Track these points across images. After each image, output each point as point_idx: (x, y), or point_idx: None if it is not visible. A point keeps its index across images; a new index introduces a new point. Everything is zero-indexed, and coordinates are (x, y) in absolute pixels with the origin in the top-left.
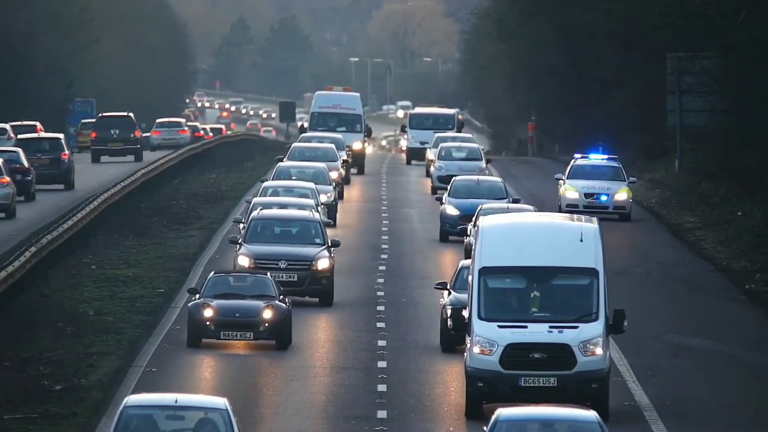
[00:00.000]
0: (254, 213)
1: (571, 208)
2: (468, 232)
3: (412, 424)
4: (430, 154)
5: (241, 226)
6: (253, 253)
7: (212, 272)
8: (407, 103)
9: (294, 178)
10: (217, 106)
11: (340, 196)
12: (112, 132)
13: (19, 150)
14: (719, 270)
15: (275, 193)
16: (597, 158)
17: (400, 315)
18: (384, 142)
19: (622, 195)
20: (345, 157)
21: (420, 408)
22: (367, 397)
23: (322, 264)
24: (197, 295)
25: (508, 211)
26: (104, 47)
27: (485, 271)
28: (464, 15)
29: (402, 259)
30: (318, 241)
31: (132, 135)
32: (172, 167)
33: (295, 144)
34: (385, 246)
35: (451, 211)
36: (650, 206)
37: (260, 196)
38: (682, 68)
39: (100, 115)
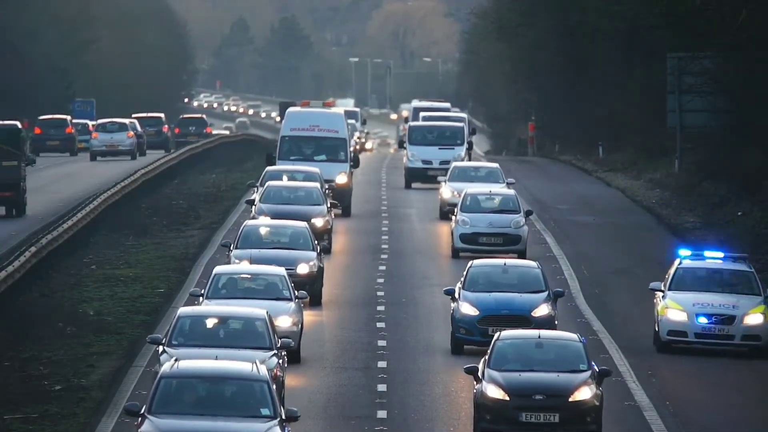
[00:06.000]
0: (165, 366)
1: (675, 336)
2: (485, 368)
3: (412, 424)
4: (446, 190)
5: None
6: None
7: None
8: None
9: (265, 231)
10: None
11: (328, 249)
12: (191, 128)
13: (135, 121)
14: None
15: (231, 282)
16: (715, 257)
17: (400, 315)
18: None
19: (755, 317)
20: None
21: (420, 408)
22: (367, 397)
23: None
24: None
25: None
26: (104, 47)
27: None
28: (464, 15)
29: (402, 259)
30: (265, 411)
31: (204, 131)
32: (172, 167)
33: (269, 183)
34: (385, 246)
35: (468, 310)
36: (650, 206)
37: (211, 282)
38: (682, 68)
39: (181, 116)
